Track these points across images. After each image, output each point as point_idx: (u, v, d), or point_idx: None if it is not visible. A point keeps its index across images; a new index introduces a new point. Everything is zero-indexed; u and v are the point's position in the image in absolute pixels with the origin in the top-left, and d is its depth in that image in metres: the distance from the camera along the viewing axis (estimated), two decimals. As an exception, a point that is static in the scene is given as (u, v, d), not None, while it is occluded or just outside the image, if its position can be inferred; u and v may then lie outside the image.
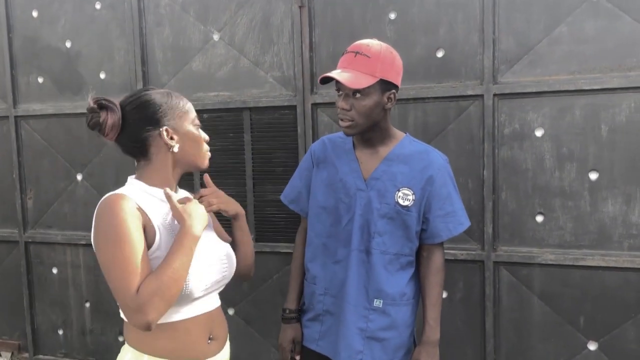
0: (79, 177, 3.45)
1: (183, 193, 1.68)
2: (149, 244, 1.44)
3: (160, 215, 1.50)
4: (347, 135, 1.88)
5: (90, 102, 1.48)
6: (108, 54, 3.30)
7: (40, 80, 3.46)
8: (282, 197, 2.15)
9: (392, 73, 1.81)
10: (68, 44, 3.37)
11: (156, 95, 1.52)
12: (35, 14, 3.43)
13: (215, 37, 3.08)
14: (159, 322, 1.41)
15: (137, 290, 1.34)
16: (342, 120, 1.83)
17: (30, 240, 3.60)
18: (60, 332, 3.63)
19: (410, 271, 1.94)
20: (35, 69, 3.47)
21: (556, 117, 2.57)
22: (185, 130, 1.53)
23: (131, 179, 1.56)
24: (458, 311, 2.80)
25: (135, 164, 1.59)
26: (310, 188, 2.04)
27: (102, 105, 1.48)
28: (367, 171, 1.91)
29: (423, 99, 2.75)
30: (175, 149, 1.52)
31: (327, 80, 1.80)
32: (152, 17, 3.19)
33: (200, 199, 1.64)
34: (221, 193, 1.72)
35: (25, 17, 3.46)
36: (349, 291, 1.90)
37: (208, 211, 1.61)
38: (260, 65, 3.01)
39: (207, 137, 1.62)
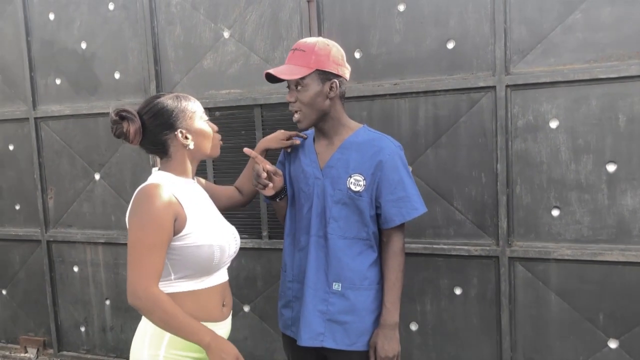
0: (97, 176, 3.50)
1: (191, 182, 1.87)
2: (178, 229, 1.64)
3: (191, 200, 1.71)
4: (300, 129, 1.98)
5: (112, 114, 1.68)
6: (122, 54, 3.34)
7: (58, 81, 3.52)
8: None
9: (330, 63, 1.89)
10: (83, 45, 3.42)
11: (168, 101, 1.73)
12: (52, 16, 3.49)
13: (226, 34, 3.08)
14: (185, 289, 1.68)
15: (153, 284, 1.55)
16: (293, 114, 1.95)
17: (52, 239, 3.67)
18: (83, 329, 3.69)
19: (372, 256, 1.99)
20: (53, 71, 3.53)
21: (571, 108, 2.49)
22: (196, 128, 1.75)
23: (158, 172, 1.76)
24: (473, 308, 2.74)
25: (151, 160, 1.75)
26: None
27: (122, 117, 1.68)
28: (324, 161, 2.01)
29: (433, 92, 2.69)
30: (191, 147, 1.74)
31: (272, 77, 1.91)
32: (164, 16, 3.21)
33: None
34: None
35: (42, 20, 3.51)
36: (309, 275, 1.98)
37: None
38: (270, 62, 2.99)
39: (215, 127, 1.84)
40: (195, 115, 1.74)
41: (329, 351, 1.98)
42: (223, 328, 1.78)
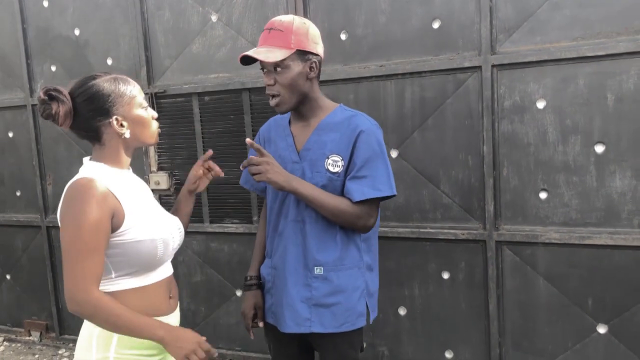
0: (93, 162, 3.52)
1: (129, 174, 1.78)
2: (116, 226, 1.54)
3: (128, 193, 1.60)
4: (280, 113, 1.91)
5: (40, 93, 1.56)
6: (114, 41, 3.34)
7: (53, 68, 3.55)
8: (240, 181, 2.19)
9: (308, 42, 1.83)
10: (77, 32, 3.43)
11: (104, 84, 1.59)
12: (46, 3, 3.50)
13: (214, 18, 3.06)
14: (129, 287, 1.59)
15: (92, 288, 1.47)
16: (270, 98, 1.87)
17: (51, 225, 3.72)
18: (83, 313, 3.75)
19: (352, 236, 1.94)
20: (49, 58, 3.56)
21: (559, 88, 2.41)
22: (133, 115, 1.62)
23: (89, 162, 1.64)
24: (461, 293, 2.70)
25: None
26: None
27: (52, 97, 1.55)
28: (301, 143, 1.94)
29: (419, 73, 2.64)
30: (127, 135, 1.61)
31: (248, 60, 1.84)
32: (153, 1, 3.19)
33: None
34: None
35: (37, 8, 3.53)
36: (289, 260, 1.94)
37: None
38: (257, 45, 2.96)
39: (155, 114, 1.71)
40: (134, 101, 1.61)
41: (313, 336, 1.95)
42: (172, 320, 1.71)
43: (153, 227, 1.62)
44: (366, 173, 1.86)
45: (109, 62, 3.37)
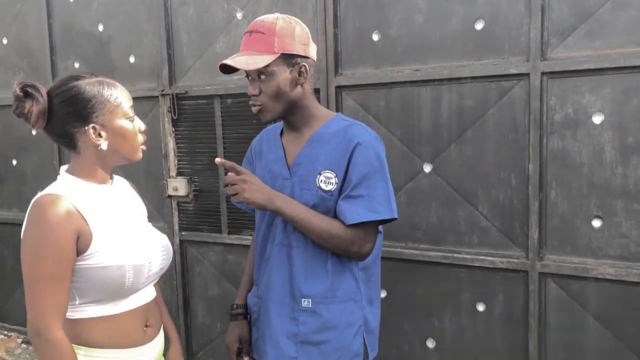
0: (113, 164, 3.37)
1: (118, 180, 1.62)
2: (82, 249, 1.37)
3: (99, 211, 1.42)
4: (265, 121, 1.70)
5: (16, 88, 1.39)
6: (137, 37, 3.18)
7: (76, 65, 3.42)
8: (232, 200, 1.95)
9: (295, 44, 1.62)
10: (100, 28, 3.29)
11: (87, 87, 1.42)
12: (71, -2, 3.38)
13: (239, 15, 2.85)
14: (95, 315, 1.41)
15: (55, 325, 1.32)
16: (253, 106, 1.66)
17: (70, 227, 3.59)
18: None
19: (346, 263, 1.70)
20: (72, 54, 3.43)
21: (619, 100, 2.09)
22: (114, 125, 1.44)
23: (64, 172, 1.48)
24: (497, 328, 2.40)
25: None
26: None
27: (27, 93, 1.39)
28: (292, 157, 1.72)
29: (458, 79, 2.35)
30: (103, 147, 1.44)
31: (229, 69, 1.63)
32: (177, -4, 3.02)
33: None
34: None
35: (63, 2, 3.41)
36: (273, 290, 1.72)
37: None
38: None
39: (142, 127, 1.53)
40: (118, 109, 1.44)
41: None
42: (148, 352, 1.52)
43: (124, 251, 1.41)
44: (362, 192, 1.61)
45: (132, 59, 3.21)
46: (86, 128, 1.41)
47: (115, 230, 1.44)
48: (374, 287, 1.79)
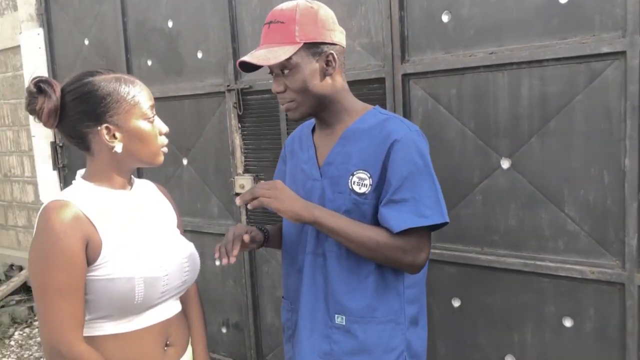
0: (185, 161, 3.35)
1: (142, 183, 1.52)
2: (92, 258, 1.27)
3: (111, 218, 1.32)
4: (295, 120, 1.54)
5: (30, 84, 1.33)
6: (203, 32, 3.11)
7: (149, 63, 3.43)
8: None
9: (319, 31, 1.46)
10: (170, 24, 3.26)
11: (101, 84, 1.33)
12: (143, -5, 3.38)
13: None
14: (106, 332, 1.32)
15: (75, 338, 1.24)
16: (281, 105, 1.51)
17: (147, 223, 3.63)
18: (175, 316, 3.62)
19: (386, 281, 1.50)
20: (145, 52, 3.44)
21: None
22: (130, 126, 1.33)
23: (79, 177, 1.39)
24: (587, 347, 2.08)
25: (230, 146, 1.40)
26: None
27: (41, 89, 1.31)
28: (323, 156, 1.55)
29: (540, 61, 2.04)
30: (117, 149, 1.33)
31: (249, 66, 1.48)
32: (241, -13, 2.91)
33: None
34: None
35: (135, 0, 3.42)
36: (304, 304, 1.55)
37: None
38: (348, 32, 2.53)
39: (164, 129, 1.42)
40: (135, 109, 1.34)
41: None
42: None
43: (134, 262, 1.29)
44: (406, 195, 1.41)
45: (199, 55, 3.15)
46: (99, 128, 1.32)
47: (127, 239, 1.33)
48: (421, 305, 1.59)
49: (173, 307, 1.45)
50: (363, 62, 2.51)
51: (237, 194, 3.05)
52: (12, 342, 4.33)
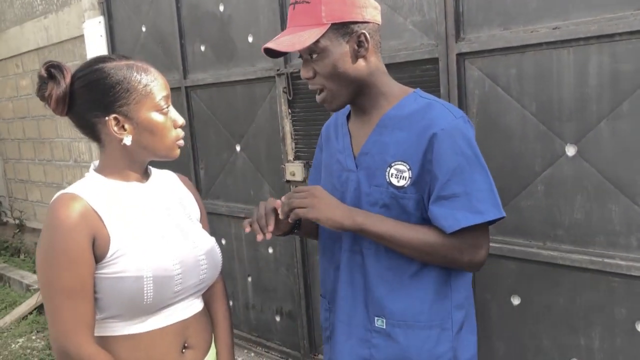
0: (238, 148, 3.31)
1: (162, 175, 1.45)
2: (101, 255, 1.22)
3: (121, 213, 1.26)
4: (332, 111, 1.42)
5: (41, 69, 1.27)
6: (254, 15, 3.03)
7: (202, 48, 3.39)
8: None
9: (348, 9, 1.31)
10: (221, 8, 3.20)
11: (112, 71, 1.25)
12: (196, -21, 3.34)
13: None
14: (119, 333, 1.25)
15: (85, 339, 1.18)
16: (317, 95, 1.39)
17: (203, 210, 3.63)
18: (231, 303, 3.62)
19: (433, 279, 1.37)
20: (198, 38, 3.40)
21: None
22: (141, 118, 1.26)
23: (92, 169, 1.34)
24: (665, 355, 1.87)
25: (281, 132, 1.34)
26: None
27: (51, 75, 1.25)
28: (359, 145, 1.45)
29: (611, 36, 1.82)
30: (126, 142, 1.26)
31: (276, 52, 1.36)
32: (290, -34, 2.80)
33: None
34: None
35: (188, -16, 3.40)
36: (341, 305, 1.45)
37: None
38: (399, 10, 2.38)
39: (179, 121, 1.32)
40: (147, 99, 1.25)
41: None
42: None
43: (144, 260, 1.22)
44: (457, 190, 1.28)
45: (250, 39, 3.08)
46: (107, 119, 1.24)
47: (138, 235, 1.26)
48: (469, 308, 1.45)
49: (192, 307, 1.36)
50: (415, 41, 2.35)
51: (288, 181, 2.98)
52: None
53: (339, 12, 1.30)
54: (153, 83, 1.27)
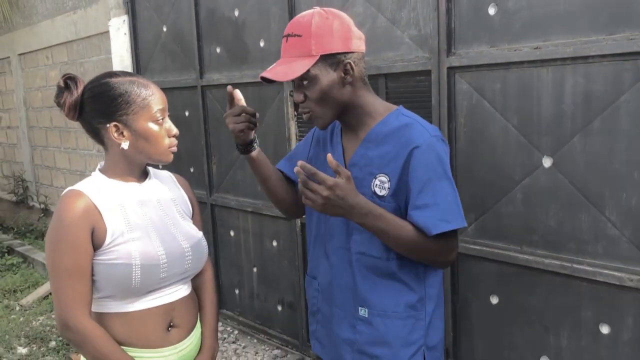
0: (248, 145, 3.49)
1: (160, 176, 1.65)
2: (98, 244, 1.43)
3: (119, 208, 1.47)
4: (321, 129, 1.60)
5: (60, 79, 1.49)
6: (265, 21, 3.21)
7: (218, 50, 3.58)
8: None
9: (335, 41, 1.48)
10: (236, 13, 3.39)
11: (116, 85, 1.46)
12: (214, -15, 3.53)
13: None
14: (113, 310, 1.46)
15: (82, 314, 1.39)
16: (303, 115, 1.59)
17: (214, 202, 3.84)
18: (237, 291, 3.83)
19: (409, 278, 1.58)
20: (214, 40, 3.60)
21: None
22: (138, 127, 1.46)
23: (97, 169, 1.56)
24: (624, 356, 2.00)
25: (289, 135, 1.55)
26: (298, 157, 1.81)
27: (67, 85, 1.48)
28: (348, 156, 1.63)
29: (585, 57, 1.96)
30: (124, 146, 1.47)
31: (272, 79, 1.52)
32: (299, -23, 2.97)
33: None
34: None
35: (207, -12, 3.59)
36: (336, 294, 1.66)
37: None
38: (397, 23, 2.54)
39: (173, 131, 1.52)
40: (144, 110, 1.45)
41: None
42: (169, 355, 1.50)
43: (134, 250, 1.42)
44: (428, 200, 1.46)
45: (262, 44, 3.26)
46: (108, 125, 1.45)
47: (131, 228, 1.46)
48: (439, 300, 1.66)
49: (178, 292, 1.54)
50: (411, 53, 2.50)
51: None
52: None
53: (327, 44, 1.46)
54: (151, 97, 1.47)
